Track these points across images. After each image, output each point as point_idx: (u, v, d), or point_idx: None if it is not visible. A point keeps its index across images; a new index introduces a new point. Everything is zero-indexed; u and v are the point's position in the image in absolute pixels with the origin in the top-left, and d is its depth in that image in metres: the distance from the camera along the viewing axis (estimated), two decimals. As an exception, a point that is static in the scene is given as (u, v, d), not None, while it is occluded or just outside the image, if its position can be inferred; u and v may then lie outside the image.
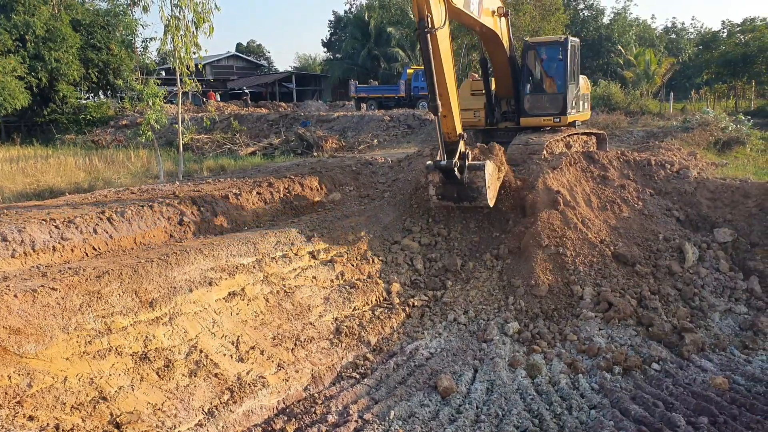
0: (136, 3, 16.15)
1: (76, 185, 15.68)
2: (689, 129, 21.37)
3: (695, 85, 47.14)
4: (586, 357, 7.98)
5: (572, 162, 11.82)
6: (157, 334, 6.34)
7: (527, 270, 9.48)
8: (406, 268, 10.02)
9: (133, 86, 16.61)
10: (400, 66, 52.05)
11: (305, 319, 8.02)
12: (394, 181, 12.60)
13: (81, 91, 39.36)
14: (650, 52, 38.84)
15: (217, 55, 66.45)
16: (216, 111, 31.73)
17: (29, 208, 8.82)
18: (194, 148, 25.63)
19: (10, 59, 32.26)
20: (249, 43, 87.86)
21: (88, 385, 5.39)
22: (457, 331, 8.69)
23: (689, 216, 11.02)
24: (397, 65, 54.30)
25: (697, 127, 21.39)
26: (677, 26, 65.64)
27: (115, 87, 38.94)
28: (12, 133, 35.26)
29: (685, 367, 7.62)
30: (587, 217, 10.43)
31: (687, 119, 23.45)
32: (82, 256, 7.64)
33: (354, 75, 54.41)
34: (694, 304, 9.09)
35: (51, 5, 36.59)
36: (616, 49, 49.38)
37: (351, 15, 65.11)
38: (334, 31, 70.99)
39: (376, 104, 39.43)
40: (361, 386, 7.13)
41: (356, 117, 29.64)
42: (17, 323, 5.34)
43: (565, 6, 47.64)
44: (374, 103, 39.63)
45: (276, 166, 14.83)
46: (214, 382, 6.32)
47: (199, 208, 9.59)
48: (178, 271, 7.13)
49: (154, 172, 17.44)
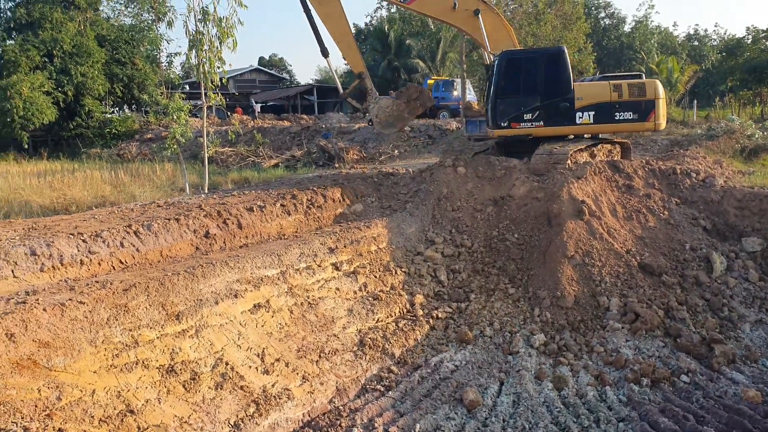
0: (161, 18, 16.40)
1: (103, 199, 15.88)
2: (714, 137, 21.10)
3: (719, 93, 46.54)
4: (613, 369, 7.88)
5: (597, 171, 11.73)
6: (184, 346, 6.38)
7: (553, 281, 9.40)
8: (429, 279, 9.99)
9: (158, 100, 16.81)
10: (421, 77, 52.08)
11: (329, 331, 8.02)
12: (416, 192, 12.58)
13: (106, 105, 39.98)
14: (673, 60, 38.47)
15: (240, 69, 67.03)
16: (239, 124, 32.02)
17: (57, 222, 8.95)
18: (218, 161, 25.85)
19: (38, 75, 32.93)
20: (271, 56, 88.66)
21: (115, 398, 5.43)
22: (483, 344, 8.63)
23: (716, 225, 10.86)
24: (417, 76, 54.35)
25: (723, 134, 21.11)
26: (700, 33, 65.01)
27: (140, 101, 39.49)
28: (39, 147, 35.86)
29: (716, 379, 7.48)
30: (613, 227, 10.33)
31: (711, 127, 23.15)
32: (109, 269, 7.73)
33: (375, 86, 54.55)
34: (723, 314, 8.94)
35: (77, 22, 37.29)
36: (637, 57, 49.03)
37: (371, 27, 65.41)
38: (355, 44, 71.26)
39: (397, 115, 39.41)
40: (386, 399, 7.10)
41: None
42: (46, 337, 5.41)
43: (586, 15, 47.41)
44: (395, 114, 39.62)
45: (299, 178, 14.92)
46: (239, 394, 6.33)
47: (224, 220, 9.66)
48: (204, 283, 7.18)
49: (180, 185, 17.60)
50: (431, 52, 56.03)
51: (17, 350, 5.13)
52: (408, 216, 11.39)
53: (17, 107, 31.03)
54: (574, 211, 10.41)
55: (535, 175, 12.00)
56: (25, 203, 15.26)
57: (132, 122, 39.25)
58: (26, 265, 7.03)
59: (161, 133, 32.34)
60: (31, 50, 33.73)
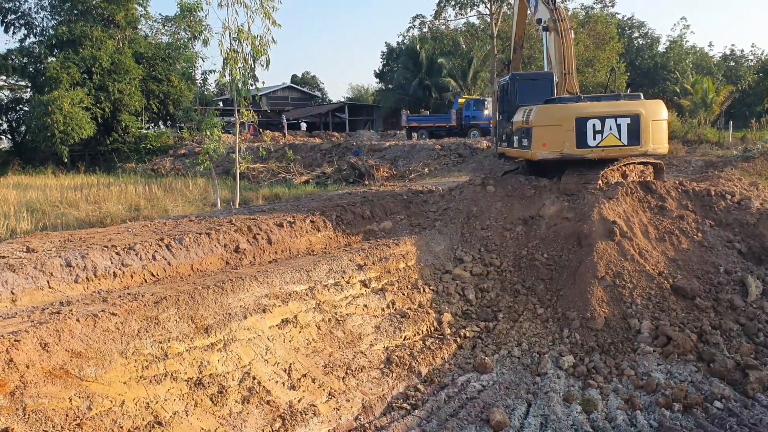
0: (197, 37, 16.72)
1: (137, 212, 16.16)
2: (750, 158, 20.75)
3: (756, 113, 45.77)
4: (644, 393, 7.73)
5: (628, 192, 11.59)
6: (212, 360, 6.44)
7: (582, 302, 9.29)
8: (457, 298, 9.94)
9: (193, 117, 17.14)
10: (452, 96, 52.25)
11: (356, 348, 8.02)
12: (446, 210, 12.58)
13: (142, 121, 40.83)
14: (708, 80, 38.02)
15: (273, 87, 68.02)
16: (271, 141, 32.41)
17: (92, 235, 9.13)
18: (250, 177, 26.19)
19: (78, 91, 33.82)
20: (303, 74, 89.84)
21: (144, 410, 5.50)
22: (510, 364, 8.54)
23: (752, 248, 10.64)
24: (449, 95, 54.54)
25: (759, 156, 20.75)
26: (736, 53, 64.22)
27: (175, 117, 40.24)
28: (77, 161, 36.69)
29: (750, 406, 7.29)
30: (644, 248, 10.19)
31: (748, 148, 22.78)
32: (141, 282, 7.85)
33: (405, 105, 54.87)
34: (759, 339, 8.72)
35: (116, 39, 38.24)
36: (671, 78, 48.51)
37: (403, 46, 65.91)
38: (387, 62, 71.90)
39: (427, 133, 39.58)
40: (412, 417, 7.06)
41: (407, 146, 29.82)
42: (79, 347, 5.51)
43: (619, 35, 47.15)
44: (425, 133, 39.80)
45: (329, 195, 15.01)
46: (266, 409, 6.36)
47: (254, 235, 9.76)
48: (233, 297, 7.25)
49: (212, 200, 17.86)
50: (462, 71, 56.22)
51: (50, 360, 5.23)
52: (437, 234, 11.39)
53: (58, 122, 31.89)
54: (605, 232, 10.29)
55: (566, 195, 11.90)
56: (62, 215, 15.61)
57: (167, 138, 40.02)
58: (61, 276, 7.19)
59: (195, 149, 32.90)
60: (71, 67, 34.67)
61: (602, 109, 11.89)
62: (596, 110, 11.85)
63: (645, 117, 11.65)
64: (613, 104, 12.08)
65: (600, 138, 11.76)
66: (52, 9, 41.24)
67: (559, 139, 11.90)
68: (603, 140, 11.74)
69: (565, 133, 11.81)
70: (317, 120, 63.15)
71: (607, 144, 11.75)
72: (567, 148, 11.89)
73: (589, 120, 11.71)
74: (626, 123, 11.68)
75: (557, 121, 11.93)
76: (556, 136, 11.93)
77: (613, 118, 11.67)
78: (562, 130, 11.83)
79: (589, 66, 39.31)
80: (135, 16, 41.59)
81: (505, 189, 12.50)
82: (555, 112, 12.18)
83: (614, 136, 11.72)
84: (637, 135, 11.69)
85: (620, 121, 11.68)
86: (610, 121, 11.67)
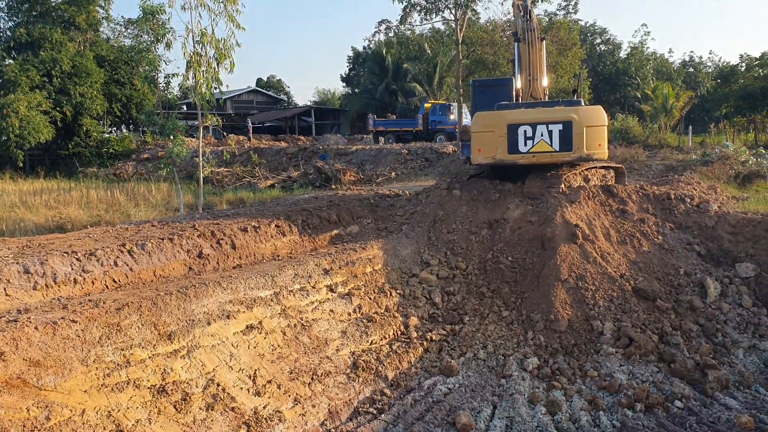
0: (160, 40, 16.51)
1: (98, 218, 15.87)
2: (709, 162, 21.25)
3: (714, 119, 46.95)
4: (606, 394, 7.85)
5: (591, 196, 11.78)
6: (175, 367, 6.34)
7: (546, 304, 9.40)
8: (423, 301, 9.97)
9: (155, 120, 16.91)
10: (418, 100, 52.47)
11: (322, 353, 7.98)
12: (412, 214, 12.62)
13: (104, 125, 40.13)
14: (668, 86, 38.89)
15: (237, 90, 67.39)
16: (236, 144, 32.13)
17: (51, 241, 8.93)
18: (214, 181, 25.91)
19: (36, 94, 33.07)
20: (269, 78, 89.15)
21: (105, 419, 5.38)
22: (476, 367, 8.59)
23: (710, 250, 10.90)
24: (415, 99, 54.75)
25: (717, 160, 21.26)
26: (695, 60, 65.78)
27: (138, 121, 39.67)
28: (36, 165, 35.90)
29: (709, 405, 7.46)
30: (606, 251, 10.36)
31: (706, 153, 23.32)
32: (102, 288, 7.70)
33: (372, 109, 54.90)
34: (717, 340, 8.93)
35: (77, 42, 37.55)
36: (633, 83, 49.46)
37: (369, 51, 65.97)
38: (353, 67, 71.89)
39: (394, 138, 39.67)
40: (379, 422, 7.05)
41: (374, 150, 29.85)
42: (37, 355, 5.37)
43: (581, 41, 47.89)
44: (392, 137, 39.88)
45: (294, 199, 14.94)
46: (230, 416, 6.29)
47: (218, 240, 9.65)
48: (196, 303, 7.16)
49: (175, 205, 17.62)
50: (428, 76, 56.48)
51: (7, 369, 5.09)
52: (404, 238, 11.41)
53: (13, 126, 31.11)
54: (568, 235, 10.44)
55: (530, 199, 12.04)
56: (20, 221, 15.25)
57: (129, 142, 39.39)
58: (19, 283, 7.01)
59: (158, 153, 32.45)
60: (30, 70, 33.91)
61: (534, 116, 12.06)
62: (528, 117, 12.04)
63: (578, 123, 11.79)
64: (545, 111, 12.26)
65: (531, 144, 11.97)
66: (9, 10, 40.31)
67: (493, 145, 12.17)
68: (534, 146, 11.95)
69: (497, 139, 12.09)
70: (283, 124, 62.77)
71: (538, 150, 11.95)
72: (499, 154, 12.16)
73: (521, 126, 11.93)
74: (558, 129, 11.86)
75: (490, 128, 12.20)
76: (489, 142, 12.20)
77: (544, 125, 11.87)
78: (495, 136, 12.10)
79: (551, 72, 39.80)
80: (96, 18, 40.84)
81: (470, 193, 12.59)
82: (489, 118, 12.42)
83: (545, 142, 11.93)
84: (569, 141, 11.84)
85: (552, 127, 11.87)
86: (542, 127, 11.87)
